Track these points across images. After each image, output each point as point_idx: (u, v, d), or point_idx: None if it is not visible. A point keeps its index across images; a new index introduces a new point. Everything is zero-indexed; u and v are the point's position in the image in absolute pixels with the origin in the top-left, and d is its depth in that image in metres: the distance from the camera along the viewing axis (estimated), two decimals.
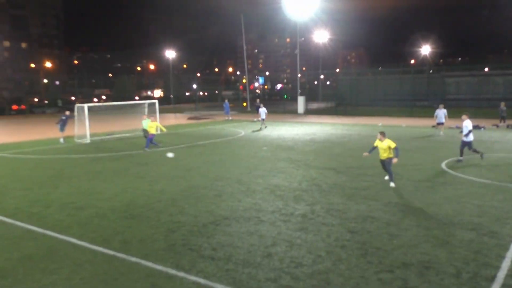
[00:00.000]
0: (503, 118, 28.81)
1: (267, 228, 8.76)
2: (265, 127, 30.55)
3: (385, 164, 12.19)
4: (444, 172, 14.14)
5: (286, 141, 22.97)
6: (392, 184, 12.09)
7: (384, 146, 11.95)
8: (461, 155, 15.65)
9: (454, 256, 7.15)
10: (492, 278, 6.31)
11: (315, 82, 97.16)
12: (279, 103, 63.14)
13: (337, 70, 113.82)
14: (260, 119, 30.93)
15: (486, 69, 60.15)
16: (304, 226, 8.84)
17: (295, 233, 8.43)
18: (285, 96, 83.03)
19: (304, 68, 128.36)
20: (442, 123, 24.36)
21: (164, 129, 22.51)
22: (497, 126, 28.43)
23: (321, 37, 67.11)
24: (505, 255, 7.15)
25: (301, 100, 47.64)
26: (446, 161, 15.83)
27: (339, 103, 52.39)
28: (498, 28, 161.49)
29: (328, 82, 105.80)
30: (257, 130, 28.76)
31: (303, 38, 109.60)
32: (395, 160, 11.87)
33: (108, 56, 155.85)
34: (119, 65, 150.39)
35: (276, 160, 16.87)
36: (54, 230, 8.91)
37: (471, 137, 15.34)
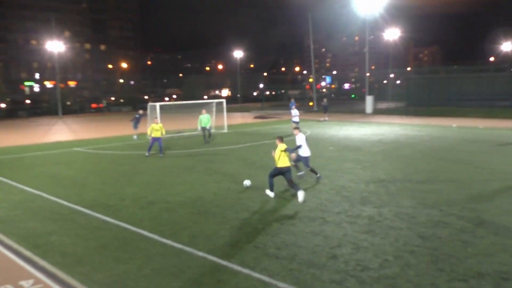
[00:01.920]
0: None
1: (332, 229, 8.64)
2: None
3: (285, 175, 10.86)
4: None
5: (353, 141, 22.50)
6: (300, 197, 10.52)
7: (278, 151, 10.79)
8: (297, 168, 13.36)
9: None
10: None
11: (384, 81, 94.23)
12: (347, 103, 62.04)
13: (408, 68, 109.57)
14: (293, 120, 26.86)
15: None
16: (371, 229, 8.61)
17: (361, 236, 8.24)
18: (353, 96, 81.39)
19: (373, 67, 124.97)
20: None
21: (164, 133, 19.03)
22: None
23: (392, 34, 64.91)
24: None
25: (369, 99, 46.44)
26: None
27: (409, 103, 50.38)
28: None
29: (398, 81, 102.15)
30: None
31: (372, 36, 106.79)
32: (293, 155, 11.25)
33: (179, 56, 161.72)
34: (189, 65, 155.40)
35: (342, 161, 16.58)
36: (128, 222, 9.41)
37: (306, 153, 13.04)
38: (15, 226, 9.36)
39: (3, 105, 60.73)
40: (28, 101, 73.49)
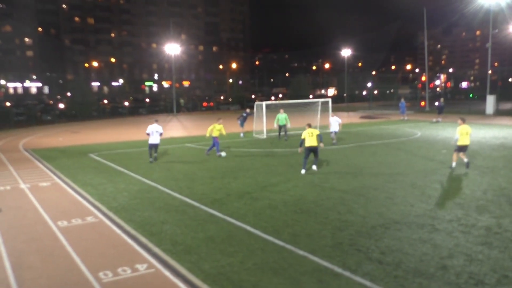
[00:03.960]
0: None
1: (443, 238, 8.07)
2: (334, 142, 21.74)
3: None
4: None
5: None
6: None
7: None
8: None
9: None
10: None
11: (510, 80, 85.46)
12: (464, 103, 57.42)
13: None
14: (331, 130, 22.47)
15: None
16: (488, 241, 7.88)
17: (476, 247, 7.58)
18: (471, 96, 75.00)
19: (496, 64, 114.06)
20: None
21: (224, 133, 19.72)
22: None
23: None
24: None
25: (490, 99, 42.36)
26: None
27: None
28: None
29: None
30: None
31: (497, 30, 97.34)
32: (321, 145, 14.94)
33: (286, 56, 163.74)
34: (295, 64, 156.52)
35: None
36: (232, 217, 9.78)
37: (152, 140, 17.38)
38: (134, 214, 10.27)
39: (127, 103, 66.81)
40: (147, 100, 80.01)
